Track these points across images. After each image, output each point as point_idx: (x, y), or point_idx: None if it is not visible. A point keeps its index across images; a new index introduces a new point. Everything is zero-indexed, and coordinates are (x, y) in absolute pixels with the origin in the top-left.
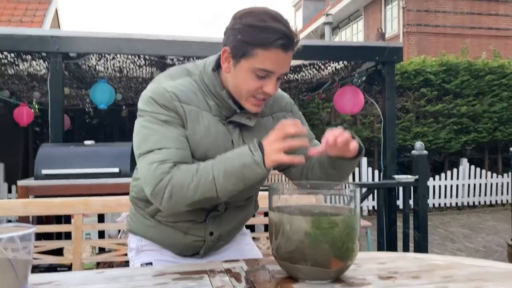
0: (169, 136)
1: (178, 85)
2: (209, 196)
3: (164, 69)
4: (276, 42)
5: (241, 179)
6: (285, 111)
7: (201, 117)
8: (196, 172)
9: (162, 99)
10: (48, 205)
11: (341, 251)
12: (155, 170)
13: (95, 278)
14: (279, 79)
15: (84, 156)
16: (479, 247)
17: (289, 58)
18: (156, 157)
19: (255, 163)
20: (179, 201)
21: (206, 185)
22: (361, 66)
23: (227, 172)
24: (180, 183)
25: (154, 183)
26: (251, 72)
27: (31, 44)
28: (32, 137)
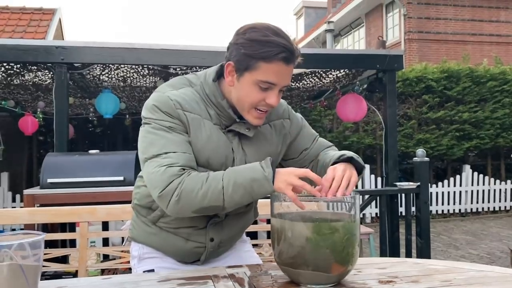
0: (175, 141)
1: (181, 94)
2: (216, 204)
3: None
4: (278, 56)
5: (249, 192)
6: (283, 118)
7: (203, 125)
8: (206, 180)
9: (166, 106)
10: (54, 213)
11: (341, 256)
12: (164, 172)
13: (102, 284)
14: (281, 91)
15: (89, 165)
16: (483, 254)
17: (291, 71)
18: (164, 161)
19: (265, 179)
20: (186, 206)
21: (215, 193)
22: (362, 74)
23: (236, 183)
24: (190, 188)
25: (163, 185)
26: (255, 85)
27: (37, 54)
28: (36, 146)
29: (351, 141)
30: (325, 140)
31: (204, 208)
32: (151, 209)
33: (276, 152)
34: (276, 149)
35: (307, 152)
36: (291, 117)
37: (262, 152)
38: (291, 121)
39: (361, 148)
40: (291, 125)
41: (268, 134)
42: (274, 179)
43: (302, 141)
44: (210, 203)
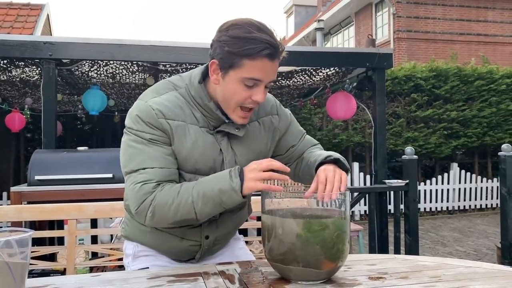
0: (153, 155)
1: (163, 101)
2: (189, 217)
3: (157, 75)
4: (263, 52)
5: (219, 204)
6: (271, 114)
7: (187, 131)
8: (177, 194)
9: (148, 117)
10: (42, 210)
11: (331, 252)
12: (138, 190)
13: (91, 281)
14: (267, 87)
15: (78, 162)
16: (470, 251)
17: (276, 66)
18: (140, 177)
19: (232, 189)
20: (161, 220)
21: (186, 207)
22: (352, 72)
23: (205, 196)
24: (162, 203)
25: (138, 203)
26: (240, 82)
27: (24, 50)
28: (23, 143)
29: (340, 139)
30: (311, 138)
31: (179, 221)
32: None
33: (266, 149)
34: (266, 147)
35: (294, 149)
36: (280, 113)
37: (252, 151)
38: (280, 117)
39: (350, 146)
40: (279, 120)
41: (257, 132)
42: (243, 184)
43: (290, 137)
44: (183, 217)
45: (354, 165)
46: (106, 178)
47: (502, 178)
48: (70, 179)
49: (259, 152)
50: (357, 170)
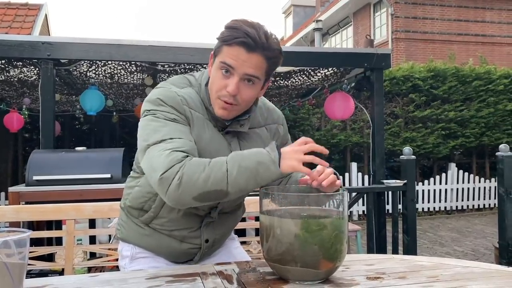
0: (179, 129)
1: (186, 92)
2: (218, 188)
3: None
4: (238, 39)
5: (255, 176)
6: (277, 124)
7: (206, 125)
8: (208, 163)
9: (172, 101)
10: (40, 210)
11: (329, 252)
12: (167, 155)
13: (89, 281)
14: (250, 81)
15: (76, 162)
16: (468, 251)
17: (254, 59)
18: (169, 145)
19: (272, 161)
20: (187, 190)
21: (218, 176)
22: (350, 72)
23: (241, 166)
24: (192, 171)
25: (165, 167)
26: (219, 69)
27: (22, 50)
28: (21, 143)
29: (338, 139)
30: None
31: (206, 193)
32: (143, 210)
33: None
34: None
35: None
36: (284, 125)
37: None
38: (284, 128)
39: (349, 146)
40: (283, 131)
41: (265, 137)
42: (281, 161)
43: None
44: (212, 187)
45: (352, 165)
46: (104, 178)
47: (500, 178)
48: (68, 179)
49: None
50: (355, 170)
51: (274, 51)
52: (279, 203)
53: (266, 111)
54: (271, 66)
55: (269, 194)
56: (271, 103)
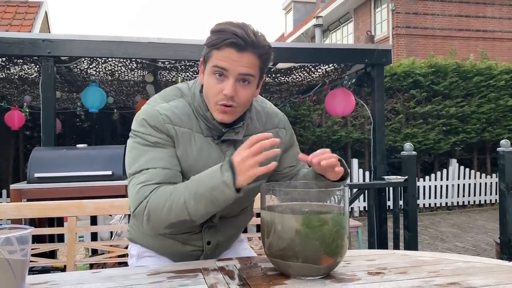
0: (157, 156)
1: (171, 107)
2: (182, 218)
3: (156, 72)
4: (227, 41)
5: (212, 201)
6: (278, 128)
7: (193, 138)
8: (170, 195)
9: (155, 121)
10: (42, 207)
11: (330, 248)
12: (137, 192)
13: (91, 277)
14: (246, 80)
15: (77, 159)
16: (469, 246)
17: (246, 59)
18: (141, 177)
19: (224, 184)
20: (157, 223)
21: (178, 207)
22: (350, 68)
23: (197, 194)
24: (155, 205)
25: (135, 205)
26: (212, 74)
27: (23, 47)
28: (23, 141)
29: (339, 136)
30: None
31: (173, 224)
32: None
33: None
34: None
35: (291, 169)
36: (287, 128)
37: None
38: (286, 131)
39: (349, 142)
40: (286, 135)
41: None
42: (237, 178)
43: (291, 158)
44: (176, 218)
45: (353, 162)
46: (106, 175)
47: (501, 174)
48: (69, 176)
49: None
50: (356, 166)
51: (264, 47)
52: (280, 199)
53: (265, 116)
54: (264, 63)
55: (270, 190)
56: (273, 107)
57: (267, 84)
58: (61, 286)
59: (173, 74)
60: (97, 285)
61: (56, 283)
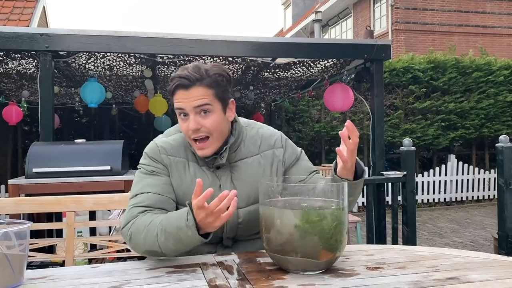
0: (151, 183)
1: (169, 140)
2: (154, 249)
3: (154, 68)
4: (173, 86)
5: (179, 241)
6: (274, 148)
7: (187, 167)
8: (148, 224)
9: (152, 152)
10: (40, 203)
11: (329, 242)
12: (127, 212)
13: (90, 272)
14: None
15: (75, 154)
16: (467, 242)
17: (195, 93)
18: (134, 200)
19: (188, 227)
20: (135, 247)
21: (151, 239)
22: (350, 63)
23: (167, 231)
24: (136, 230)
25: (123, 224)
26: (179, 117)
27: (20, 42)
28: (21, 136)
29: (338, 131)
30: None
31: (148, 252)
32: None
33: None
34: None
35: (302, 182)
36: (285, 146)
37: (251, 184)
38: (285, 149)
39: None
40: (284, 152)
41: (258, 165)
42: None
43: (298, 172)
44: (149, 248)
45: None
46: (104, 170)
47: (499, 169)
48: (67, 171)
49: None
50: None
51: (211, 76)
52: (279, 194)
53: (259, 139)
54: (218, 89)
55: (269, 185)
56: (270, 129)
57: (266, 79)
58: (60, 280)
59: (171, 69)
60: (95, 280)
61: (54, 277)
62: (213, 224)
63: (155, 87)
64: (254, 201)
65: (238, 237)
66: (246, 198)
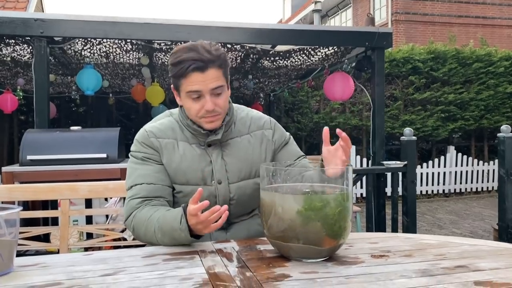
0: (143, 173)
1: (157, 124)
2: (153, 242)
3: (152, 54)
4: (190, 68)
5: (174, 239)
6: (263, 129)
7: (177, 146)
8: (147, 219)
9: (142, 137)
10: (34, 190)
11: (333, 229)
12: (126, 205)
13: (83, 259)
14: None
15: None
16: (466, 233)
17: (212, 74)
18: (130, 193)
19: (182, 230)
20: (138, 238)
21: (149, 234)
22: (350, 52)
23: (163, 230)
24: (137, 224)
25: (125, 216)
26: (188, 98)
27: (14, 27)
28: (17, 126)
29: (337, 122)
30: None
31: (150, 243)
32: None
33: (260, 159)
34: (259, 157)
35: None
36: (274, 128)
37: (242, 160)
38: (274, 131)
39: (347, 129)
40: (273, 134)
41: (248, 144)
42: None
43: (287, 155)
44: (148, 241)
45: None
46: (100, 158)
47: (501, 160)
48: (63, 159)
49: (250, 161)
50: (353, 153)
51: (220, 56)
52: (281, 179)
53: (249, 120)
54: (225, 69)
55: (271, 169)
56: (259, 113)
57: (265, 68)
58: (51, 268)
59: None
60: (89, 267)
61: (46, 265)
62: (202, 231)
63: (152, 75)
64: (244, 177)
65: (231, 216)
66: (237, 173)
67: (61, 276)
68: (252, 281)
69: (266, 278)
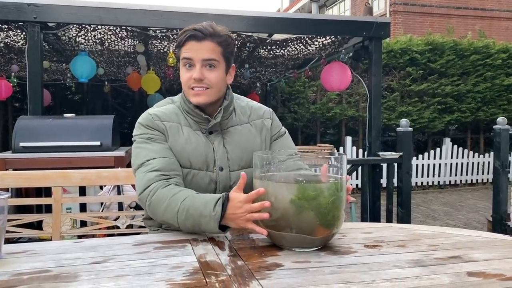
0: (154, 149)
1: (161, 109)
2: (171, 222)
3: (147, 41)
4: (187, 36)
5: (198, 225)
6: (263, 118)
7: (181, 130)
8: (170, 197)
9: (146, 121)
10: (26, 177)
11: (326, 218)
12: (143, 177)
13: (73, 247)
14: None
15: (64, 129)
16: (460, 224)
17: (206, 46)
18: (146, 168)
19: (211, 218)
20: (154, 213)
21: (171, 214)
22: (348, 41)
23: (189, 212)
24: (157, 200)
25: (142, 188)
26: (183, 67)
27: (7, 12)
28: (11, 113)
29: (334, 113)
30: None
31: (166, 222)
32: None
33: (261, 148)
34: (260, 145)
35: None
36: (273, 118)
37: (243, 148)
38: (272, 121)
39: (344, 119)
40: (271, 124)
41: (248, 132)
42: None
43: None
44: (167, 220)
45: (347, 139)
46: (94, 146)
47: (496, 152)
48: (56, 146)
49: (251, 150)
50: (350, 144)
51: (223, 36)
52: (274, 168)
53: (249, 110)
54: (226, 49)
55: (264, 158)
56: (258, 103)
57: (262, 57)
58: (40, 255)
59: (164, 44)
60: (78, 255)
61: (35, 252)
62: (238, 220)
63: (147, 63)
64: (245, 164)
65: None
66: (238, 161)
67: (50, 264)
68: (244, 270)
69: (258, 267)
